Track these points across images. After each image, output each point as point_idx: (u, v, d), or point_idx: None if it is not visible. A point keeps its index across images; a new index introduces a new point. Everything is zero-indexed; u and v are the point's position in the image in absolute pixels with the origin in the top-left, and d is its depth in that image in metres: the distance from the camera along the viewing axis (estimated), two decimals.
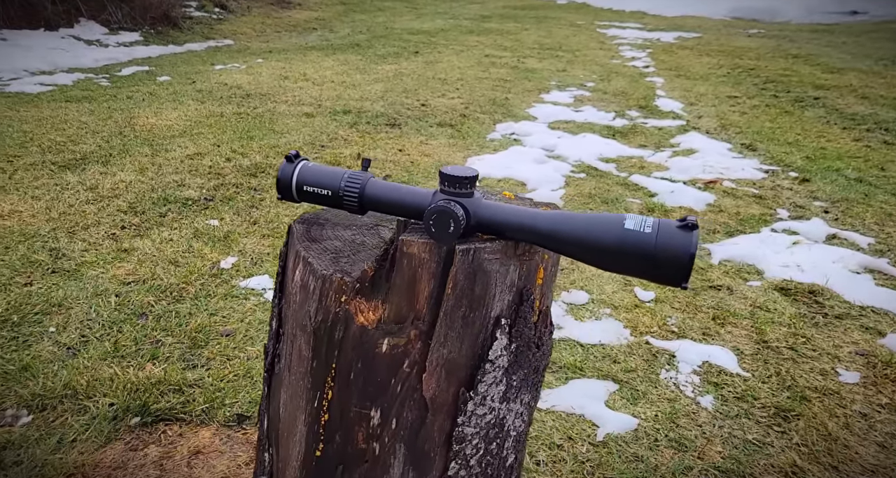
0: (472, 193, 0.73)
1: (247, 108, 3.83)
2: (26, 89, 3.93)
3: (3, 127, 3.11)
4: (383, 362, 0.74)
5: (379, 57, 6.23)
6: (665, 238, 0.65)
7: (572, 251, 0.70)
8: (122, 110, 3.55)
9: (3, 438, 1.30)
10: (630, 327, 1.96)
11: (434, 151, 3.40)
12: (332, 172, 0.75)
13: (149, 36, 5.98)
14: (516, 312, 0.78)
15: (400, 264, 0.73)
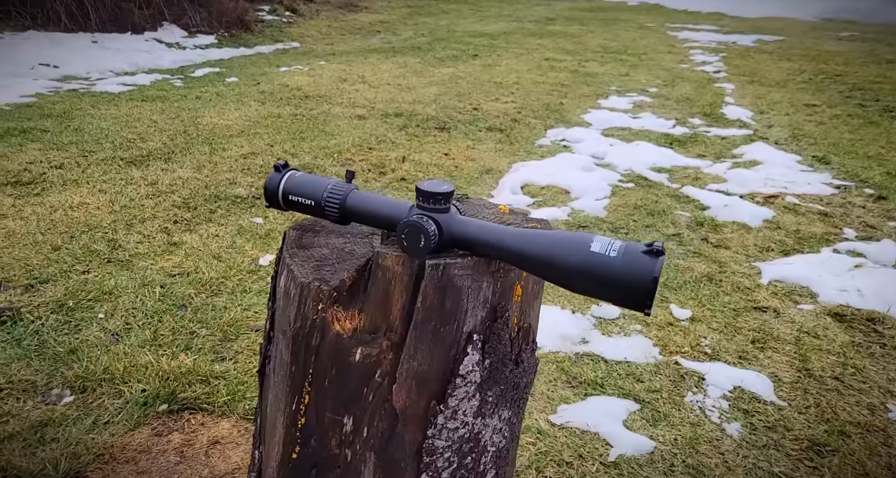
0: (448, 208, 0.74)
1: (303, 109, 3.97)
2: (109, 89, 4.24)
3: (85, 124, 3.37)
4: (357, 370, 0.76)
5: (437, 60, 6.30)
6: (629, 263, 0.64)
7: (538, 270, 0.70)
8: (189, 110, 3.77)
9: (47, 415, 1.42)
10: (660, 346, 1.89)
11: (480, 156, 3.41)
12: (317, 183, 0.78)
13: (223, 39, 6.31)
14: (490, 329, 0.78)
15: (375, 276, 0.75)
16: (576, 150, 3.79)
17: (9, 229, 2.16)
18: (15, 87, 4.08)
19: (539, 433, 1.51)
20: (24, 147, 2.95)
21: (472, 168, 3.22)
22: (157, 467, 1.33)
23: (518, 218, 0.91)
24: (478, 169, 3.21)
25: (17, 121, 3.33)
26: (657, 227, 2.72)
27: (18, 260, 1.99)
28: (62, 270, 1.96)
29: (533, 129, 4.11)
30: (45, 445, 1.33)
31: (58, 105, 3.69)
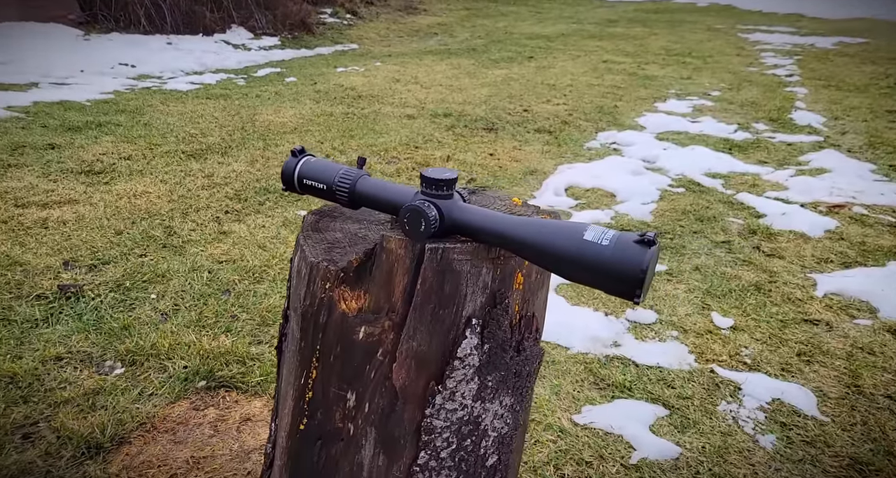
0: (451, 195, 0.76)
1: (355, 108, 4.08)
2: (178, 87, 4.49)
3: (154, 119, 3.60)
4: (360, 348, 0.80)
5: (492, 62, 6.31)
6: (620, 252, 0.65)
7: (532, 256, 0.71)
8: (248, 107, 3.95)
9: (99, 384, 1.53)
10: (696, 353, 1.84)
11: (525, 157, 3.40)
12: (329, 168, 0.82)
13: (286, 41, 6.57)
14: (489, 314, 0.79)
15: (380, 258, 0.78)
16: (626, 153, 3.72)
17: (79, 214, 2.34)
18: (96, 84, 4.39)
19: (561, 432, 1.51)
20: (99, 139, 3.18)
21: (517, 169, 3.22)
22: (193, 439, 1.42)
23: (528, 209, 0.92)
24: (522, 170, 3.21)
25: (95, 115, 3.59)
26: (706, 233, 2.64)
27: (85, 242, 2.15)
28: (122, 253, 2.11)
29: (583, 131, 4.06)
30: (96, 411, 1.44)
31: (132, 101, 3.95)
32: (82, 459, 1.30)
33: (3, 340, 1.65)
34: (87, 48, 5.37)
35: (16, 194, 2.45)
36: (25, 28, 5.77)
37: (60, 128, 3.33)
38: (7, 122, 3.38)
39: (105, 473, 1.29)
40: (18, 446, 1.32)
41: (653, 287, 2.20)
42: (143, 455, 1.35)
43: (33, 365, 1.56)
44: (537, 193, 2.98)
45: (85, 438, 1.35)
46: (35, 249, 2.07)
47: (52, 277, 1.93)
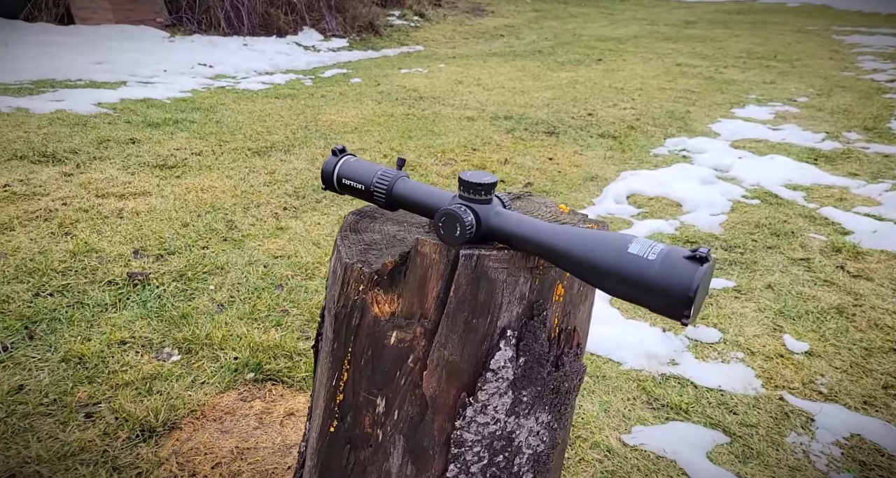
0: (489, 199, 0.73)
1: (416, 109, 4.11)
2: (250, 87, 4.68)
3: (225, 117, 3.76)
4: (391, 353, 0.78)
5: (558, 64, 6.20)
6: (667, 268, 0.60)
7: (572, 267, 0.67)
8: (313, 107, 4.05)
9: (156, 370, 1.60)
10: (764, 378, 1.72)
11: (586, 162, 3.31)
12: (368, 169, 0.81)
13: (353, 42, 6.71)
14: (525, 326, 0.76)
15: (414, 262, 0.76)
16: (696, 161, 3.55)
17: (151, 205, 2.46)
18: (176, 83, 4.63)
19: (608, 451, 1.44)
20: (174, 135, 3.35)
21: (576, 174, 3.13)
22: (238, 429, 1.45)
23: (574, 218, 0.88)
24: (582, 175, 3.12)
25: (173, 112, 3.79)
26: (781, 249, 2.47)
27: (155, 232, 2.26)
28: (186, 245, 2.20)
29: (650, 137, 3.91)
30: (152, 395, 1.50)
31: (206, 100, 4.14)
32: (136, 441, 1.36)
33: (76, 322, 1.75)
34: (171, 49, 5.68)
35: (97, 185, 2.61)
36: (119, 30, 6.18)
37: (142, 124, 3.53)
38: (96, 117, 3.61)
39: (156, 456, 1.34)
40: (81, 424, 1.40)
41: (718, 304, 2.08)
42: (192, 442, 1.40)
43: (100, 348, 1.64)
44: (597, 200, 2.89)
45: (140, 420, 1.40)
46: (110, 237, 2.20)
47: (123, 265, 2.04)
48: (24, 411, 1.42)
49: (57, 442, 1.33)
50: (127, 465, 1.30)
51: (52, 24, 6.13)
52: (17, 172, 2.70)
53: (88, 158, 2.93)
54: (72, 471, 1.26)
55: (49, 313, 1.77)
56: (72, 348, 1.63)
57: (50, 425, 1.38)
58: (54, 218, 2.28)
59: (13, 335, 1.67)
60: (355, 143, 3.31)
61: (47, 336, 1.68)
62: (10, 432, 1.35)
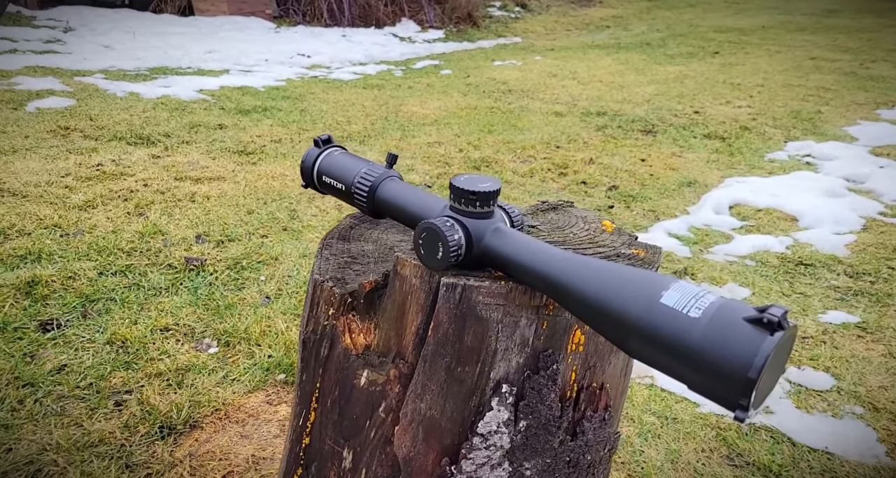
0: (489, 213, 0.56)
1: (502, 103, 3.91)
2: (342, 77, 4.71)
3: (310, 106, 3.78)
4: (361, 397, 0.63)
5: (667, 57, 5.72)
6: (717, 331, 0.40)
7: (582, 314, 0.48)
8: (397, 98, 3.98)
9: (191, 361, 1.56)
10: (889, 444, 1.39)
11: (684, 165, 2.96)
12: (353, 165, 0.66)
13: (450, 34, 6.60)
14: (528, 382, 0.58)
15: (393, 286, 0.60)
16: (822, 169, 3.08)
17: (223, 190, 2.49)
18: (274, 72, 4.77)
19: None
20: (259, 122, 3.41)
21: (671, 178, 2.80)
22: (259, 435, 1.37)
23: (618, 240, 0.68)
24: (677, 180, 2.79)
25: (264, 100, 3.87)
26: None
27: (221, 218, 2.27)
28: (248, 232, 2.18)
29: (768, 139, 3.46)
30: (181, 389, 1.46)
31: (297, 89, 4.20)
32: (154, 438, 1.31)
33: (129, 304, 1.76)
34: (275, 39, 5.88)
35: (178, 168, 2.68)
36: (232, 21, 6.50)
37: (234, 110, 3.63)
38: (195, 103, 3.77)
39: (171, 456, 1.28)
40: (108, 412, 1.38)
41: (834, 342, 1.73)
42: (210, 444, 1.33)
43: (144, 333, 1.64)
44: (692, 209, 2.56)
45: (162, 415, 1.36)
46: (178, 220, 2.23)
47: (184, 249, 2.05)
48: (60, 392, 1.42)
49: (79, 430, 1.31)
50: (140, 463, 1.25)
51: (175, 15, 6.57)
52: (113, 152, 2.84)
53: (178, 141, 3.04)
54: (86, 464, 1.23)
55: (107, 293, 1.80)
56: (118, 331, 1.63)
57: (80, 410, 1.38)
58: (133, 198, 2.36)
59: (69, 313, 1.70)
60: (432, 135, 3.19)
61: (99, 317, 1.70)
62: (42, 413, 1.36)
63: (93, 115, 3.33)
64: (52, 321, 1.65)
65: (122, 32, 5.69)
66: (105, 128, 3.14)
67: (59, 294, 1.77)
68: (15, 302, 1.72)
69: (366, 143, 3.07)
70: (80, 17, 6.13)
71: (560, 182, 2.67)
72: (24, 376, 1.45)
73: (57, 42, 5.31)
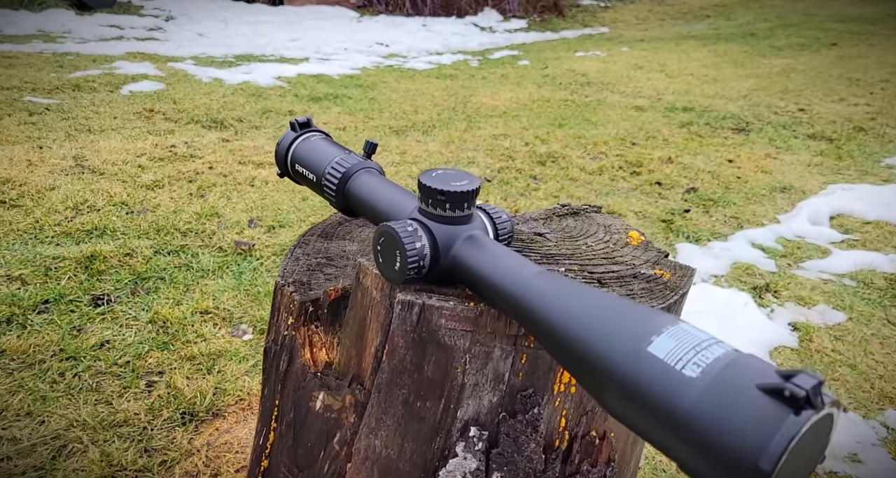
0: (466, 217, 0.45)
1: (578, 95, 3.70)
2: (416, 66, 4.66)
3: (380, 95, 3.76)
4: (315, 423, 0.55)
5: (773, 49, 5.22)
6: (719, 400, 0.29)
7: (553, 350, 0.37)
8: (468, 89, 3.87)
9: (224, 346, 1.55)
10: None
11: (779, 169, 2.65)
12: (327, 152, 0.57)
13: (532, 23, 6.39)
14: (504, 426, 0.47)
15: (354, 297, 0.51)
16: None
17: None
18: (351, 60, 4.80)
19: None
20: (329, 110, 3.42)
21: (762, 182, 2.52)
22: None
23: (644, 255, 0.55)
24: (769, 184, 2.50)
25: (336, 88, 3.89)
26: None
27: (275, 203, 2.27)
28: (299, 219, 2.17)
29: (887, 142, 3.05)
30: (210, 375, 1.45)
31: (370, 77, 4.20)
32: (175, 424, 1.30)
33: (177, 284, 1.78)
34: (356, 28, 5.94)
35: (244, 152, 2.72)
36: (318, 11, 6.64)
37: (306, 98, 3.68)
38: (271, 90, 3.85)
39: (189, 444, 1.27)
40: (138, 393, 1.38)
41: None
42: (229, 435, 1.31)
43: (185, 315, 1.65)
44: (784, 218, 2.28)
45: (187, 401, 1.35)
46: (235, 203, 2.26)
47: (236, 232, 2.06)
48: (98, 368, 1.45)
49: (107, 409, 1.32)
50: (158, 448, 1.24)
51: (266, 5, 6.80)
52: (188, 134, 2.94)
53: (248, 126, 3.10)
54: (108, 443, 1.24)
55: (158, 272, 1.84)
56: (161, 311, 1.65)
57: (113, 387, 1.39)
58: (197, 180, 2.42)
59: (121, 289, 1.75)
60: (498, 127, 3.06)
61: (147, 295, 1.73)
62: (78, 388, 1.39)
63: (177, 98, 3.48)
64: (103, 296, 1.70)
65: (216, 21, 5.96)
66: (185, 111, 3.26)
67: (114, 270, 1.82)
68: (74, 275, 1.79)
69: (429, 133, 2.99)
70: (181, 7, 6.49)
71: (631, 182, 2.46)
72: (68, 349, 1.49)
73: (158, 30, 5.63)
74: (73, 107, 3.17)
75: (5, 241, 1.88)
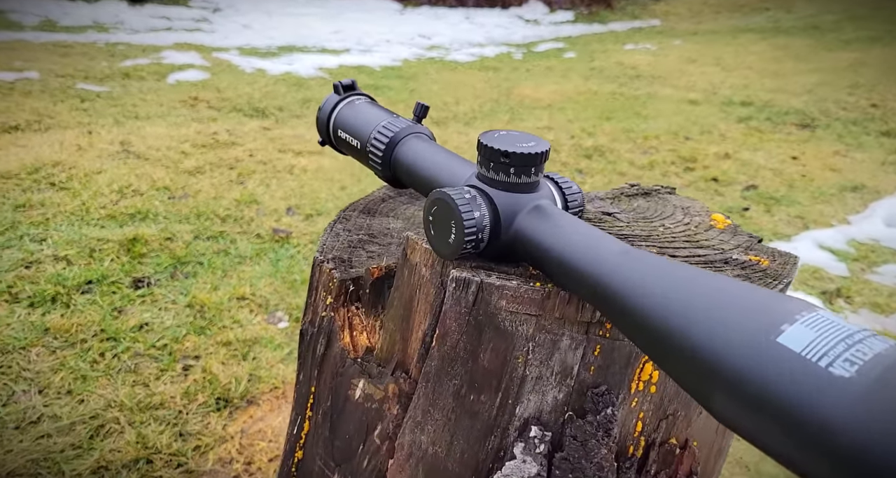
0: (533, 184, 0.39)
1: (628, 88, 3.57)
2: (458, 58, 4.60)
3: (420, 86, 3.72)
4: (355, 413, 0.50)
5: (840, 42, 4.94)
6: (885, 406, 0.21)
7: (645, 344, 0.31)
8: (510, 80, 3.79)
9: (260, 333, 1.53)
10: None
11: (849, 167, 2.49)
12: (373, 116, 0.52)
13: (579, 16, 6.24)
14: (570, 427, 0.41)
15: (401, 275, 0.46)
16: None
17: (320, 165, 2.48)
18: (393, 52, 4.78)
19: None
20: None
21: (830, 181, 2.36)
22: None
23: (734, 239, 0.48)
24: (838, 183, 2.34)
25: (377, 79, 3.87)
26: None
27: (314, 191, 2.25)
28: (337, 207, 2.14)
29: None
30: (245, 361, 1.43)
31: (411, 69, 4.16)
32: (210, 409, 1.28)
33: (215, 270, 1.78)
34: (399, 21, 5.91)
35: (283, 140, 2.72)
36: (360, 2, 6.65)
37: None
38: (313, 80, 3.86)
39: (224, 430, 1.24)
40: (174, 376, 1.37)
41: None
42: (263, 423, 1.28)
43: (222, 300, 1.63)
44: (855, 219, 2.13)
45: (222, 386, 1.33)
46: (274, 191, 2.25)
47: (274, 220, 2.05)
48: (137, 349, 1.45)
49: (145, 391, 1.31)
50: (193, 433, 1.22)
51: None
52: (230, 122, 2.96)
53: (289, 115, 3.10)
54: (144, 426, 1.23)
55: (197, 257, 1.83)
56: (199, 296, 1.64)
57: (150, 370, 1.39)
58: (237, 167, 2.42)
59: (161, 272, 1.75)
60: (543, 120, 2.97)
61: (186, 279, 1.73)
62: (117, 369, 1.38)
63: (221, 87, 3.51)
64: (144, 279, 1.71)
65: (260, 13, 6.03)
66: (228, 100, 3.29)
67: (155, 253, 1.82)
68: (116, 257, 1.80)
69: (470, 124, 2.93)
70: None
71: (685, 178, 2.35)
72: (108, 330, 1.49)
73: (204, 21, 5.74)
74: (122, 94, 3.23)
75: (53, 222, 1.91)
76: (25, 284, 1.58)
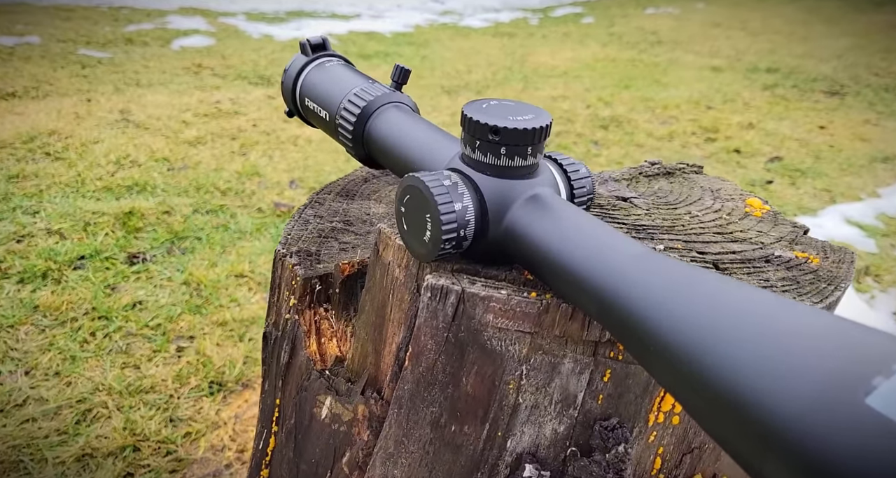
0: (529, 168, 0.31)
1: (648, 55, 3.40)
2: (472, 24, 4.43)
3: (432, 53, 3.58)
4: (321, 435, 0.42)
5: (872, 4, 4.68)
6: None
7: (674, 387, 0.22)
8: (525, 47, 3.63)
9: (258, 313, 1.47)
10: None
11: (881, 137, 2.34)
12: (343, 83, 0.43)
13: None
14: (570, 464, 0.33)
15: (372, 276, 0.38)
16: None
17: (325, 136, 2.39)
18: (404, 18, 4.61)
19: None
20: (378, 67, 3.28)
21: (859, 151, 2.23)
22: None
23: (774, 230, 0.39)
24: (868, 154, 2.21)
25: (387, 46, 3.73)
26: None
27: (318, 163, 2.17)
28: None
29: None
30: (241, 342, 1.38)
31: (424, 35, 4.00)
32: (202, 393, 1.24)
33: (213, 245, 1.71)
34: None
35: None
36: None
37: (356, 55, 3.53)
38: None
39: (217, 415, 1.20)
40: (167, 358, 1.32)
41: None
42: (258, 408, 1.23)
43: (220, 278, 1.58)
44: (885, 192, 2.01)
45: (215, 369, 1.28)
46: (277, 163, 2.17)
47: (276, 193, 1.98)
48: (129, 329, 1.40)
49: (135, 373, 1.27)
50: (184, 418, 1.18)
51: None
52: (234, 90, 2.86)
53: None
54: (133, 410, 1.18)
55: (196, 232, 1.77)
56: (196, 273, 1.58)
57: (142, 350, 1.34)
58: (240, 137, 2.34)
59: (157, 248, 1.69)
60: (558, 88, 2.84)
61: (183, 255, 1.67)
62: (108, 349, 1.34)
63: (226, 54, 3.40)
64: (139, 255, 1.65)
65: None
66: (233, 67, 3.19)
67: (152, 228, 1.77)
68: (111, 231, 1.74)
69: (482, 93, 2.81)
70: None
71: (706, 149, 2.22)
72: (100, 308, 1.44)
73: None
74: (124, 60, 3.14)
75: (48, 194, 1.85)
76: (16, 259, 1.54)
